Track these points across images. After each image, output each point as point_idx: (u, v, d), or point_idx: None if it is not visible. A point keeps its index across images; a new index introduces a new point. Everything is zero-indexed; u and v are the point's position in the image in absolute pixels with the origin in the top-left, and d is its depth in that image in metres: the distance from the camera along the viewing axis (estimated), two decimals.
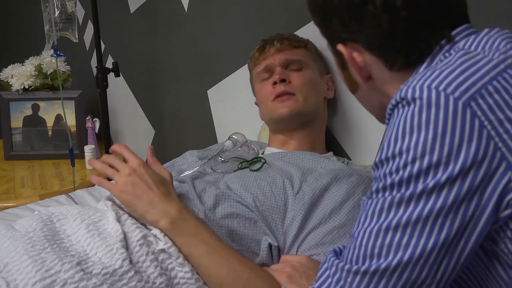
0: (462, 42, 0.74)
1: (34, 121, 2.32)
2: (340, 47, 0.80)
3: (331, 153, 1.37)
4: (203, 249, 0.96)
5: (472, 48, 0.72)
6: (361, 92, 0.87)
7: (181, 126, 2.18)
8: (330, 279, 0.71)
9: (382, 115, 0.78)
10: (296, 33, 1.47)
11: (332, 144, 1.46)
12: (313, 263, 1.00)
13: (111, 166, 1.06)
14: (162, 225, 0.98)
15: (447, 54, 0.73)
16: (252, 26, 1.69)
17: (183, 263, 0.96)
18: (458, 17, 0.77)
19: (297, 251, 1.06)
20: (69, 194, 1.56)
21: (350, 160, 1.42)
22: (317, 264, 0.97)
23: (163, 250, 0.96)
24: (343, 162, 1.32)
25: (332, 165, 1.21)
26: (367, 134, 1.39)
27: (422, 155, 0.64)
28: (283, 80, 1.31)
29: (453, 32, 0.75)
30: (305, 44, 1.40)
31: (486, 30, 0.74)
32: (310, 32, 1.42)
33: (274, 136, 1.38)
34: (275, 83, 1.32)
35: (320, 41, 1.29)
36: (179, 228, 0.97)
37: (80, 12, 2.54)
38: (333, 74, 1.42)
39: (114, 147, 1.10)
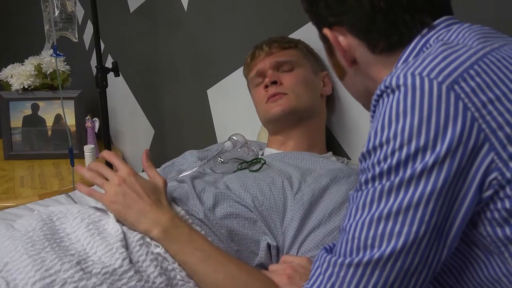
0: (443, 33, 0.75)
1: (33, 120, 2.32)
2: (326, 31, 0.82)
3: (330, 153, 1.37)
4: (198, 255, 0.95)
5: (452, 38, 0.74)
6: (348, 78, 0.88)
7: (181, 126, 2.18)
8: (321, 277, 0.71)
9: (368, 102, 0.79)
10: (295, 33, 1.48)
11: (331, 144, 1.46)
12: None
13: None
14: (155, 234, 0.96)
15: (428, 45, 0.75)
16: (252, 26, 1.70)
17: (179, 267, 0.95)
18: (439, 4, 0.79)
19: (297, 252, 1.05)
20: (69, 193, 1.56)
21: (350, 159, 1.42)
22: None
23: (159, 254, 0.96)
24: (342, 162, 1.32)
25: (331, 165, 1.22)
26: (366, 134, 1.39)
27: (409, 140, 0.65)
28: (274, 82, 1.32)
29: (435, 22, 0.76)
30: (295, 44, 1.41)
31: (468, 24, 0.76)
32: (310, 32, 1.42)
33: (272, 137, 1.38)
34: (266, 86, 1.33)
35: (317, 43, 1.29)
36: (172, 236, 0.96)
37: (80, 12, 2.53)
38: (330, 71, 1.42)
39: (104, 154, 1.09)
